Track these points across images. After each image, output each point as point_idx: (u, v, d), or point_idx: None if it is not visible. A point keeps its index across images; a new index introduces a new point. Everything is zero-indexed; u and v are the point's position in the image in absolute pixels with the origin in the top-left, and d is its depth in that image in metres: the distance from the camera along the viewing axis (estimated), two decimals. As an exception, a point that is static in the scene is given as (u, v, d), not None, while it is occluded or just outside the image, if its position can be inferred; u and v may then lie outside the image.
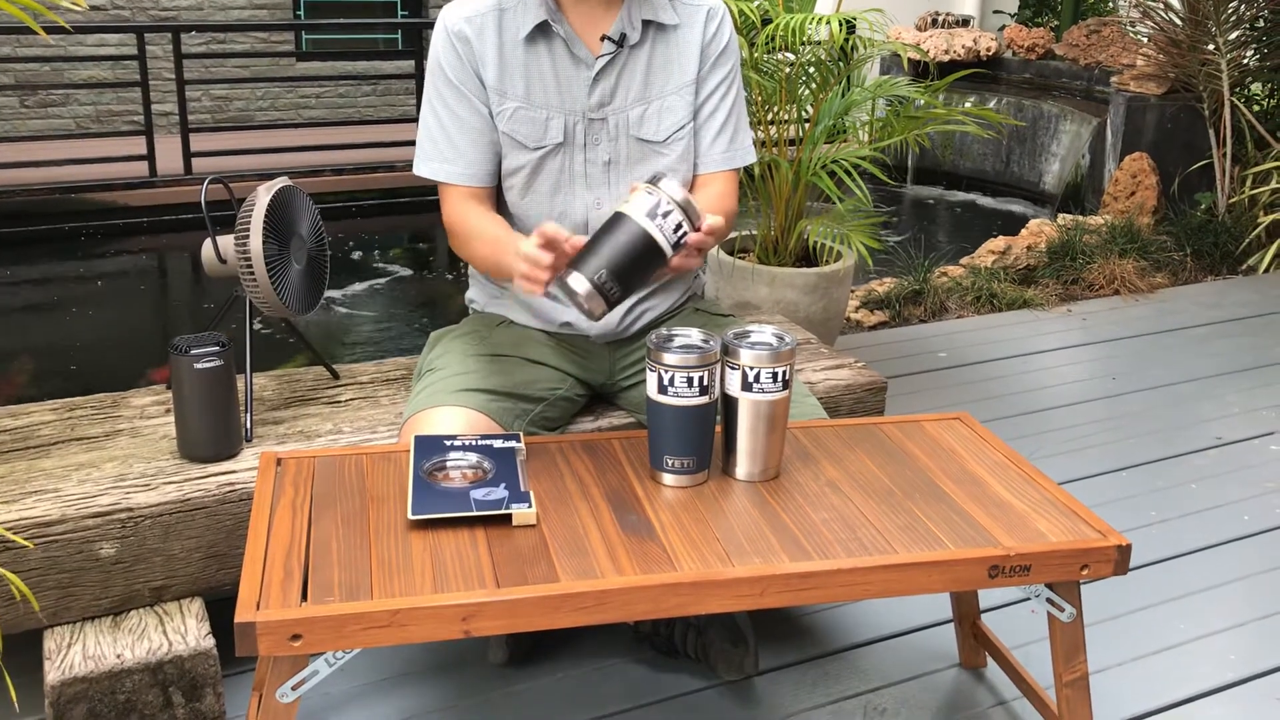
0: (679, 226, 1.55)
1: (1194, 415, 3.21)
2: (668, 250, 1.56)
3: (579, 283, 1.53)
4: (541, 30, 1.85)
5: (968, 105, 6.23)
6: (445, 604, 1.34)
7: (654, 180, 1.56)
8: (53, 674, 1.66)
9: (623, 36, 1.86)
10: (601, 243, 1.54)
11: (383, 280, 5.78)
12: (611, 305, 1.55)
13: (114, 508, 1.76)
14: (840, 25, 2.82)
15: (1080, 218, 5.05)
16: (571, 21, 1.86)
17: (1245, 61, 5.43)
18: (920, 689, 1.97)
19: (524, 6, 1.84)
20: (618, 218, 1.55)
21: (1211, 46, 5.21)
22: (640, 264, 1.54)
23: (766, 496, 1.62)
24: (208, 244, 2.02)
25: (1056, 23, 8.43)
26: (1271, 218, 4.87)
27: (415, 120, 7.46)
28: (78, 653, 1.71)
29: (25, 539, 1.69)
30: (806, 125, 3.24)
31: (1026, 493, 1.68)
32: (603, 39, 1.86)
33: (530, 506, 1.52)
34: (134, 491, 1.79)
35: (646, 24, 1.88)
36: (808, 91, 3.24)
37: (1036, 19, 8.71)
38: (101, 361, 4.55)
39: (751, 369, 1.61)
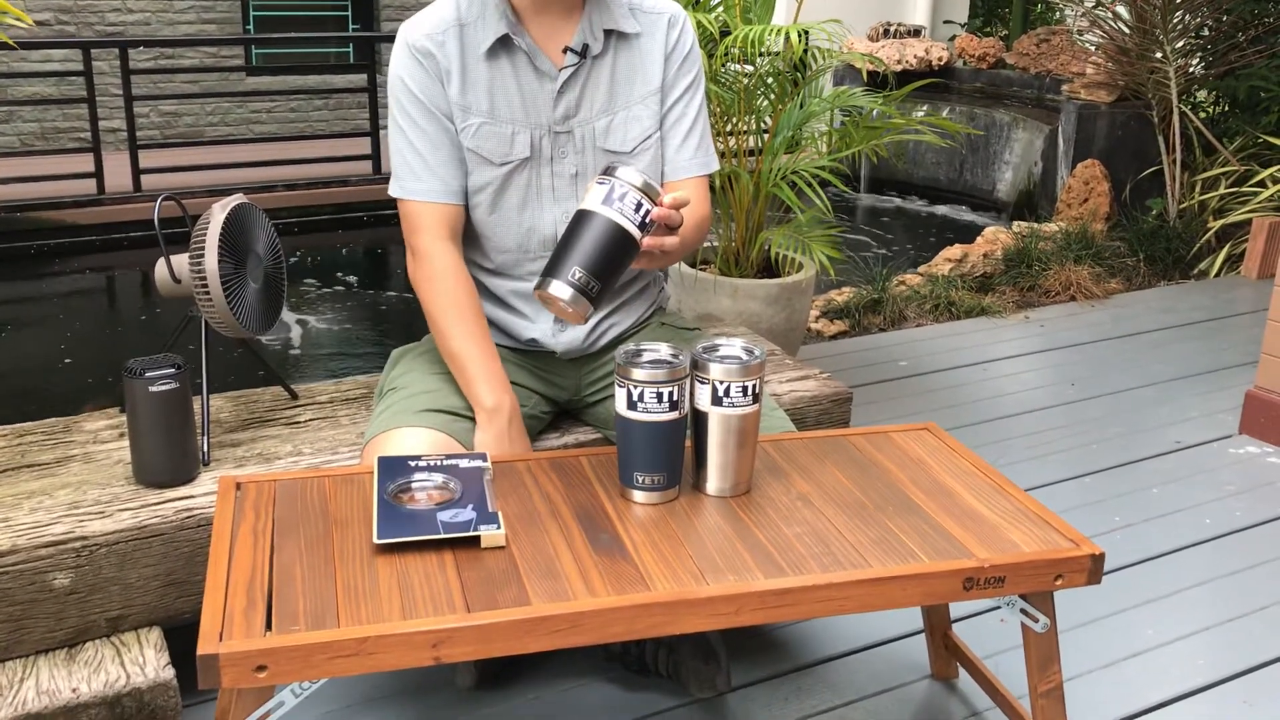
0: (639, 206, 1.53)
1: (1153, 420, 3.23)
2: (635, 232, 1.54)
3: (560, 289, 1.51)
4: (503, 44, 1.82)
5: (920, 114, 6.28)
6: (414, 630, 1.31)
7: (607, 171, 1.55)
8: (4, 711, 1.60)
9: (585, 47, 1.84)
10: (570, 244, 1.53)
11: (339, 297, 5.71)
12: (596, 304, 1.54)
13: (68, 536, 1.70)
14: (799, 36, 2.81)
15: (1035, 225, 5.10)
16: (533, 34, 1.83)
17: (1191, 70, 5.52)
18: (893, 701, 1.96)
19: (484, 21, 1.81)
20: (579, 215, 1.54)
21: (1159, 55, 5.29)
22: (612, 253, 1.53)
23: (739, 512, 1.61)
24: (161, 264, 1.97)
25: (1006, 32, 8.54)
26: (1221, 223, 4.95)
27: (368, 134, 7.42)
28: (31, 688, 1.65)
29: (-25, 571, 1.63)
30: (765, 136, 3.24)
31: (997, 503, 1.67)
32: (565, 50, 1.84)
33: (499, 528, 1.49)
34: (88, 519, 1.74)
35: (608, 34, 1.86)
36: (766, 102, 3.24)
37: (986, 29, 8.82)
38: (51, 385, 4.45)
39: (721, 383, 1.59)
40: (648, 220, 1.55)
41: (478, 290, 1.90)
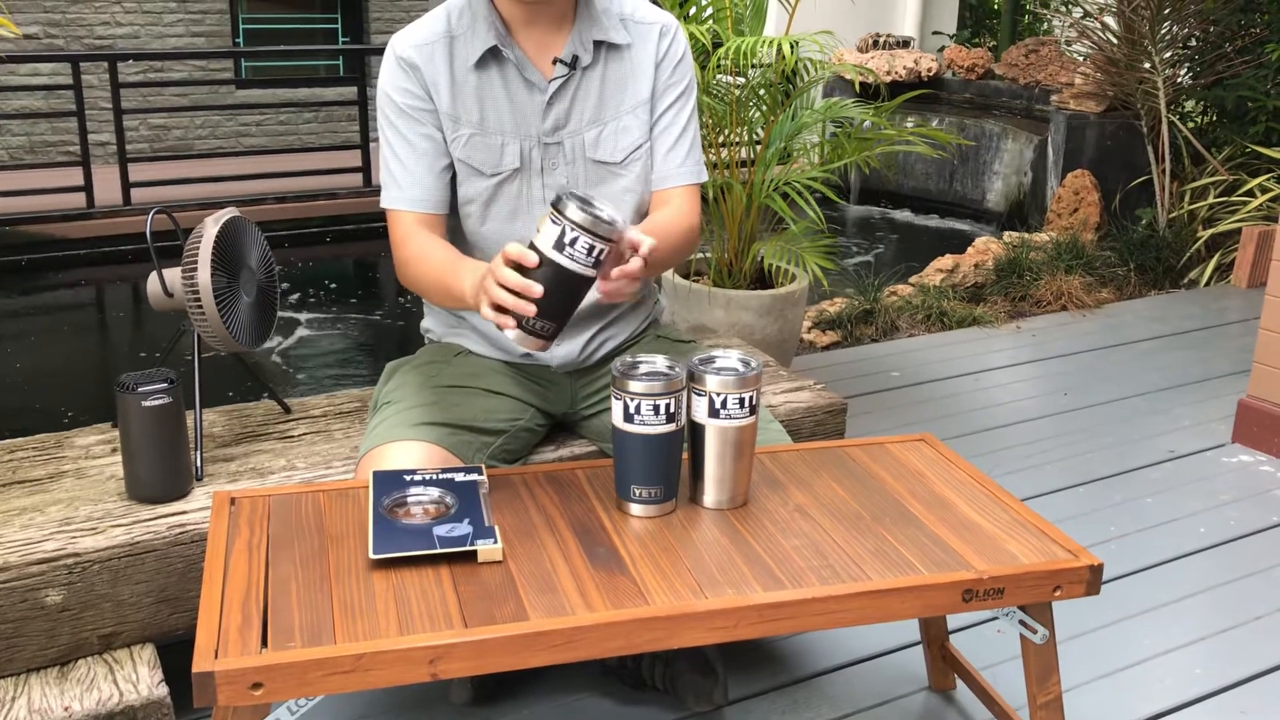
0: (590, 249, 1.47)
1: (1146, 429, 3.24)
2: (588, 273, 1.49)
3: (514, 335, 1.50)
4: (492, 55, 1.82)
5: (909, 125, 6.29)
6: (411, 646, 1.29)
7: (557, 204, 1.48)
8: (-3, 730, 1.59)
9: (574, 58, 1.84)
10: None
11: (331, 310, 5.70)
12: (551, 339, 1.52)
13: (60, 553, 1.69)
14: (792, 48, 2.82)
15: (1026, 235, 5.11)
16: (522, 45, 1.83)
17: (1180, 80, 5.55)
18: (891, 714, 1.95)
19: (473, 32, 1.81)
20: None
21: (1148, 65, 5.31)
22: (563, 296, 1.49)
23: (736, 524, 1.60)
24: (153, 277, 1.96)
25: (994, 43, 8.57)
26: (1210, 232, 4.96)
27: (358, 147, 7.41)
28: (22, 707, 1.63)
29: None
30: (758, 147, 3.24)
31: (995, 514, 1.67)
32: (555, 62, 1.84)
33: (496, 542, 1.48)
34: (80, 536, 1.73)
35: (598, 45, 1.86)
36: (758, 113, 3.24)
37: (975, 39, 8.85)
38: (40, 400, 4.43)
39: (718, 395, 1.58)
40: (601, 259, 1.49)
41: None
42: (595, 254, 1.48)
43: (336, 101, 8.45)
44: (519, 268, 1.48)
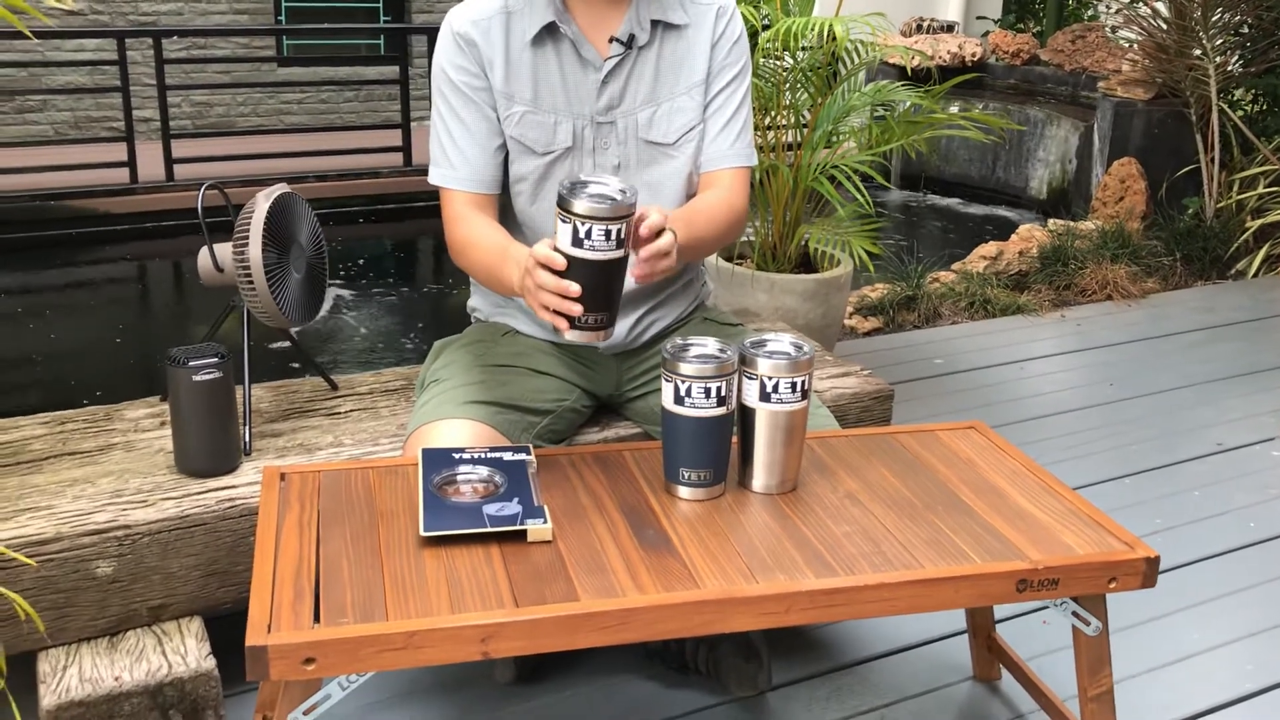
0: (608, 233, 1.47)
1: (1193, 421, 3.19)
2: (617, 255, 1.49)
3: (573, 335, 1.52)
4: (549, 32, 1.80)
5: (954, 111, 6.22)
6: (463, 625, 1.29)
7: (560, 202, 1.48)
8: (48, 698, 1.60)
9: (631, 38, 1.82)
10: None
11: (375, 288, 5.71)
12: (608, 328, 1.54)
13: (111, 525, 1.70)
14: (845, 29, 2.79)
15: (1071, 223, 5.04)
16: (579, 23, 1.82)
17: (1230, 68, 5.45)
18: (935, 703, 1.93)
19: (531, 8, 1.80)
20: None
21: (1198, 52, 5.22)
22: (602, 285, 1.50)
23: (786, 509, 1.59)
24: (204, 252, 1.97)
25: (1039, 28, 8.46)
26: (1259, 223, 4.88)
27: (399, 126, 7.42)
28: (74, 675, 1.65)
29: (23, 557, 1.63)
30: (804, 130, 3.21)
31: (1048, 503, 1.65)
32: (611, 40, 1.82)
33: (545, 522, 1.47)
34: (131, 508, 1.74)
35: (655, 24, 1.84)
36: (806, 96, 3.21)
37: (1019, 25, 8.74)
38: (83, 372, 4.47)
39: (770, 379, 1.57)
40: (623, 236, 1.49)
41: None
42: (615, 235, 1.48)
43: (377, 80, 8.46)
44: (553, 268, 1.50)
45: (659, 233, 1.55)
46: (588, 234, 1.46)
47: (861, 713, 1.90)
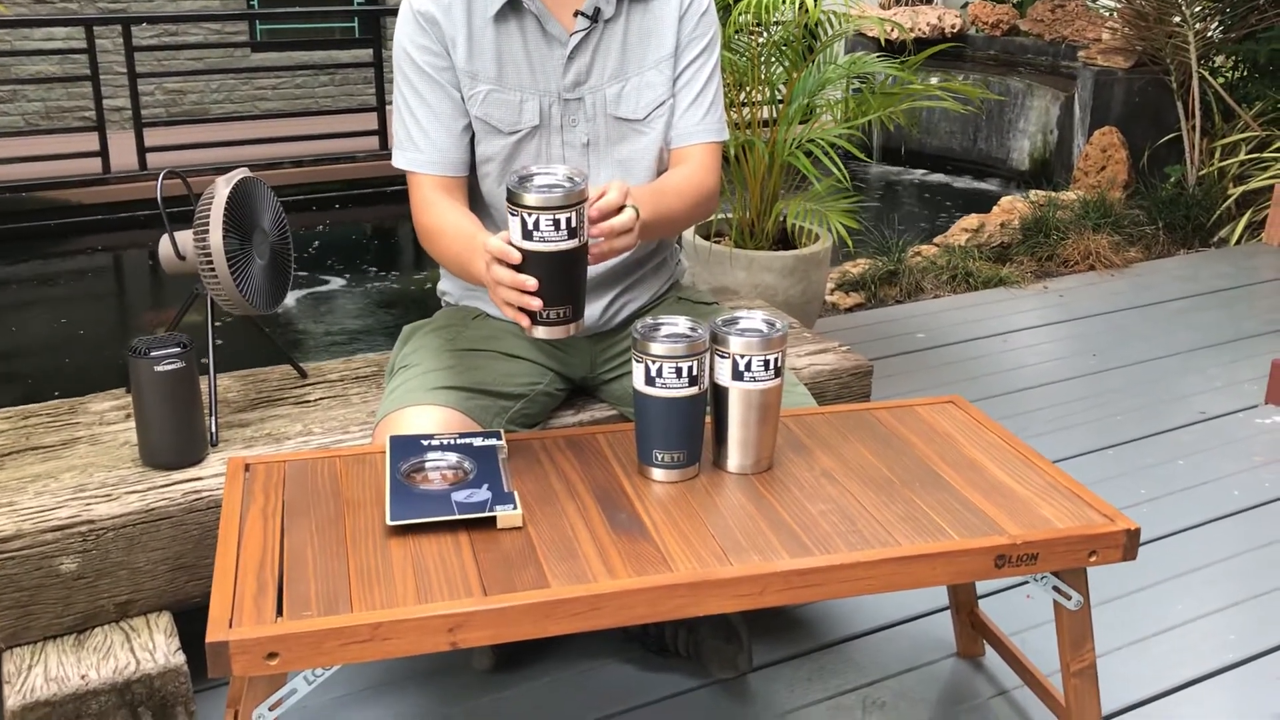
0: (557, 223, 1.43)
1: (1176, 390, 3.18)
2: (571, 245, 1.46)
3: (540, 332, 1.49)
4: (512, 7, 1.76)
5: (933, 82, 6.19)
6: (430, 615, 1.26)
7: (508, 195, 1.45)
8: (13, 699, 1.57)
9: (597, 11, 1.78)
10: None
11: (347, 274, 5.66)
12: (573, 321, 1.50)
13: (74, 520, 1.66)
14: (815, 1, 2.75)
15: (1053, 194, 5.02)
16: (542, -3, 1.77)
17: (1210, 34, 5.42)
18: (918, 680, 1.91)
19: (493, -17, 1.75)
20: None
21: (1177, 19, 5.19)
22: (560, 277, 1.47)
23: (761, 489, 1.56)
24: (165, 240, 1.93)
25: (1019, -1, 8.41)
26: (1241, 189, 4.87)
27: (374, 110, 7.36)
28: (39, 675, 1.62)
29: (-21, 557, 1.59)
30: (780, 105, 3.17)
31: (1027, 477, 1.62)
32: (576, 14, 1.78)
33: (515, 508, 1.44)
34: (95, 502, 1.70)
35: (620, -3, 1.80)
36: (780, 69, 3.17)
37: (998, -5, 8.68)
38: (55, 366, 4.41)
39: (742, 357, 1.54)
40: (575, 225, 1.45)
41: None
42: (565, 225, 1.44)
43: (352, 64, 8.38)
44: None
45: (619, 209, 1.52)
46: (536, 225, 1.43)
47: (845, 691, 1.88)
